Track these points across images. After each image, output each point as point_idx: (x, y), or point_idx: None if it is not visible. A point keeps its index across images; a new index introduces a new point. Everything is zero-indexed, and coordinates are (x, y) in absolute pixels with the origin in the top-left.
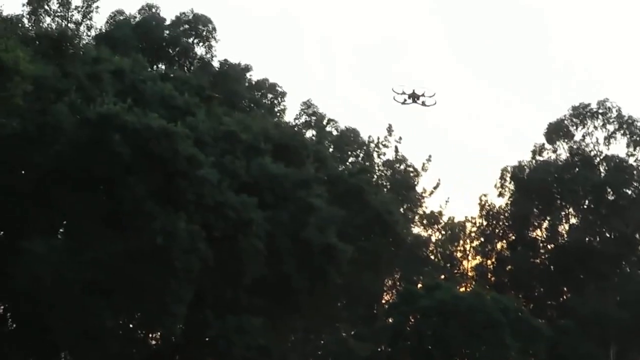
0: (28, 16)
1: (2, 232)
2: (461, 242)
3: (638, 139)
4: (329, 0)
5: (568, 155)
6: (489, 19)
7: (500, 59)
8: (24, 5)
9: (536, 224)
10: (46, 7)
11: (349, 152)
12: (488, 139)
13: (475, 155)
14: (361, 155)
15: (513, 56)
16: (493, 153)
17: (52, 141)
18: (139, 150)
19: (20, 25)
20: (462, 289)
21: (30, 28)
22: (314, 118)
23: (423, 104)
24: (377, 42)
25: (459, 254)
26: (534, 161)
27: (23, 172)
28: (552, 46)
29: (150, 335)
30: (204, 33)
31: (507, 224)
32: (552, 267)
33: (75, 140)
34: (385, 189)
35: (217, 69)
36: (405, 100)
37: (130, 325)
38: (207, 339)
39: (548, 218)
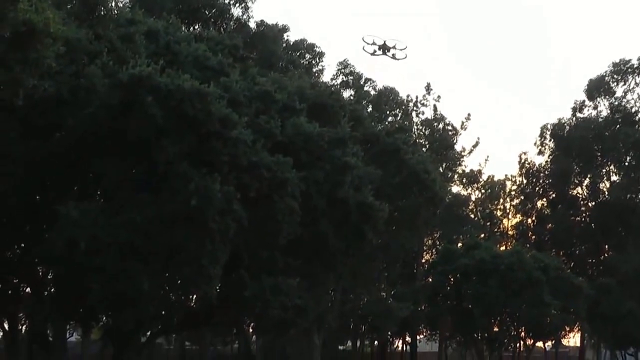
0: None
1: (38, 197)
2: (501, 200)
3: None
4: None
5: (609, 112)
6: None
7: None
8: None
9: (577, 181)
10: None
11: (387, 112)
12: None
13: (514, 114)
14: (399, 114)
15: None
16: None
17: (85, 104)
18: (172, 111)
19: None
20: (502, 248)
21: None
22: (351, 78)
23: (393, 56)
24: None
25: (498, 213)
26: (574, 118)
27: (57, 135)
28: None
29: (187, 297)
30: None
31: (547, 182)
32: (592, 225)
33: (108, 103)
34: (423, 148)
35: (253, 30)
36: (375, 51)
37: (167, 288)
38: (243, 300)
39: (589, 175)
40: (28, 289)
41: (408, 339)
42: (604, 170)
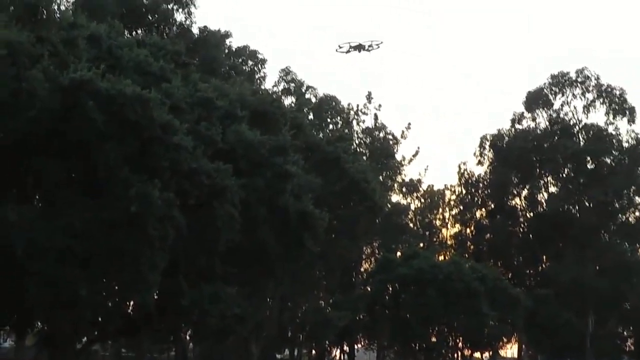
0: None
1: None
2: (440, 210)
3: (617, 107)
4: None
5: (547, 123)
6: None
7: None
8: None
9: (515, 192)
10: None
11: (328, 120)
12: (467, 107)
13: (453, 123)
14: (340, 122)
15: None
16: (472, 121)
17: (26, 107)
18: (113, 116)
19: None
20: (441, 257)
21: None
22: (292, 85)
23: (367, 48)
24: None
25: (437, 222)
26: (513, 129)
27: None
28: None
29: (125, 304)
30: None
31: (486, 192)
32: (531, 235)
33: (49, 107)
34: (364, 157)
35: (196, 35)
36: (349, 50)
37: (104, 294)
38: (181, 308)
39: (527, 186)
40: None
41: (346, 348)
42: (542, 182)
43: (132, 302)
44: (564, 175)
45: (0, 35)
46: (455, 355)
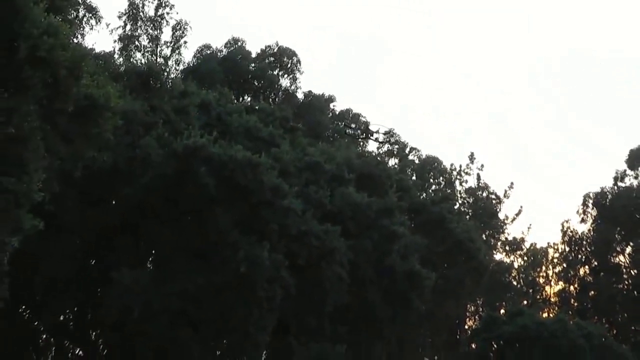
0: (119, 52)
1: (93, 263)
2: (543, 267)
3: None
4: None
5: None
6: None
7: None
8: (115, 41)
9: (619, 249)
10: (136, 42)
11: (431, 180)
12: (569, 165)
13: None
14: (443, 182)
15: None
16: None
17: (140, 173)
18: (224, 181)
19: (111, 61)
20: (545, 315)
21: (120, 64)
22: (396, 147)
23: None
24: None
25: (541, 280)
26: (615, 187)
27: (114, 204)
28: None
29: None
30: (289, 65)
31: (589, 249)
32: (635, 292)
33: (162, 173)
34: (467, 216)
35: (301, 100)
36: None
37: (217, 353)
38: None
39: (631, 243)
40: (80, 352)
41: None
42: None
43: None
44: None
45: (116, 106)
46: None
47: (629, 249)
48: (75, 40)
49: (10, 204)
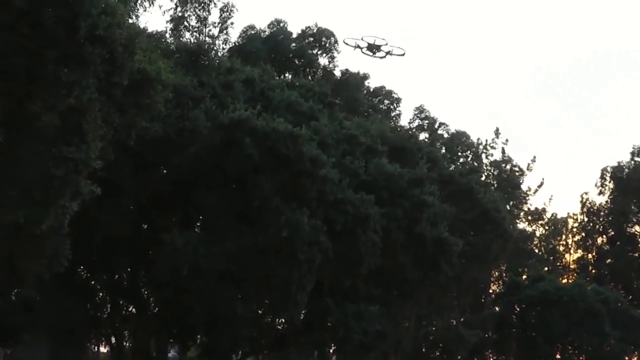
0: (170, 32)
1: (145, 226)
2: (563, 236)
3: None
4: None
5: None
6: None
7: None
8: (167, 22)
9: (635, 220)
10: (186, 23)
11: (459, 153)
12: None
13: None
14: (470, 156)
15: None
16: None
17: (189, 144)
18: (267, 151)
19: (163, 40)
20: (564, 281)
21: (171, 43)
22: (426, 122)
23: (389, 53)
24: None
25: (561, 248)
26: (632, 162)
27: (165, 171)
28: None
29: (277, 321)
30: (327, 45)
31: (607, 220)
32: None
33: (210, 143)
34: (492, 187)
35: (338, 77)
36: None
37: (259, 312)
38: (327, 325)
39: None
40: (134, 309)
41: None
42: None
43: (283, 320)
44: None
45: (167, 80)
46: None
47: None
48: (131, 21)
49: (70, 171)
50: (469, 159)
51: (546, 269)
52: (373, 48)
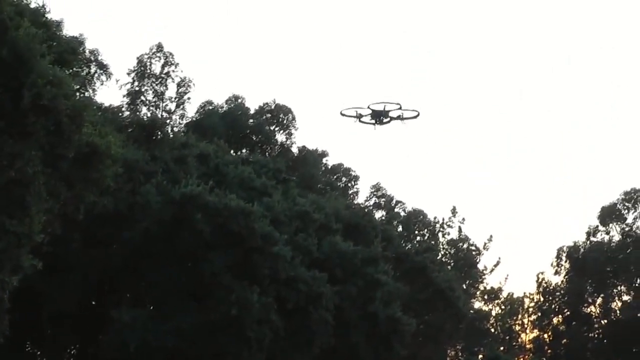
0: (127, 106)
1: (94, 303)
2: (519, 316)
3: None
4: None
5: (620, 236)
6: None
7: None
8: (124, 96)
9: (590, 300)
10: (143, 97)
11: (416, 232)
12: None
13: (532, 234)
14: (427, 234)
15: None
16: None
17: (140, 219)
18: (218, 228)
19: (119, 114)
20: None
21: (127, 117)
22: (383, 200)
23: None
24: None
25: (517, 328)
26: (588, 242)
27: (114, 247)
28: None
29: None
30: (285, 121)
31: (562, 300)
32: (605, 341)
33: (161, 218)
34: (448, 266)
35: (296, 154)
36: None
37: None
38: None
39: (602, 295)
40: None
41: None
42: (615, 291)
43: None
44: (637, 284)
45: (118, 155)
46: None
47: (599, 300)
48: (87, 95)
49: (11, 244)
50: (426, 237)
51: (502, 348)
52: (381, 115)
